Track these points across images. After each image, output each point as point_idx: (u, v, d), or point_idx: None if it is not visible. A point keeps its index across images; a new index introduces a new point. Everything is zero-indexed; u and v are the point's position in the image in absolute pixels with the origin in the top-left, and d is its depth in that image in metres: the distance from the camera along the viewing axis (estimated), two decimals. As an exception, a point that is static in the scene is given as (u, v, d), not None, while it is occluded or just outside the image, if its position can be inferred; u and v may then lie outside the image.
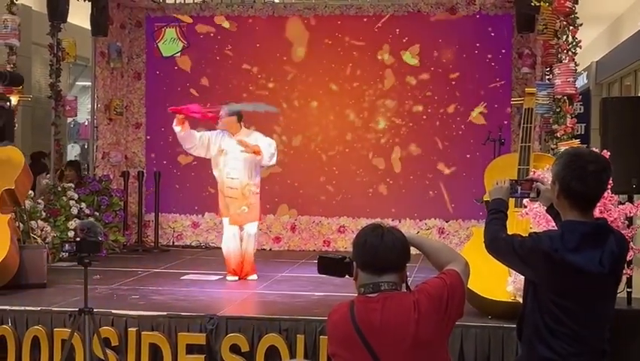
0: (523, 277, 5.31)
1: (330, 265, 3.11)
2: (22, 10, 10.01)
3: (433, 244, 3.25)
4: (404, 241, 3.00)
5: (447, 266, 3.09)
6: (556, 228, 3.36)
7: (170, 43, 11.16)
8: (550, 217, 5.38)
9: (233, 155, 7.93)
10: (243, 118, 8.12)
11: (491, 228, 3.37)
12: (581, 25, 7.25)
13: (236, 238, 8.05)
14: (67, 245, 4.72)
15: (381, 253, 2.93)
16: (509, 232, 3.36)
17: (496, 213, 3.44)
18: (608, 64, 13.86)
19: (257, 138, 8.03)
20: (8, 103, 2.52)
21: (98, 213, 9.85)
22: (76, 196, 9.58)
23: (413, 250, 3.09)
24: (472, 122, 10.59)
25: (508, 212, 3.50)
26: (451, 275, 3.03)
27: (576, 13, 7.20)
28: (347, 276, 3.07)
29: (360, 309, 2.91)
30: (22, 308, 6.32)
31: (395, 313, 2.88)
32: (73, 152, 14.54)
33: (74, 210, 9.40)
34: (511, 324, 5.69)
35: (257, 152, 7.82)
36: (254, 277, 8.08)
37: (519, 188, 3.54)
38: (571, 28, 7.21)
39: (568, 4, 7.06)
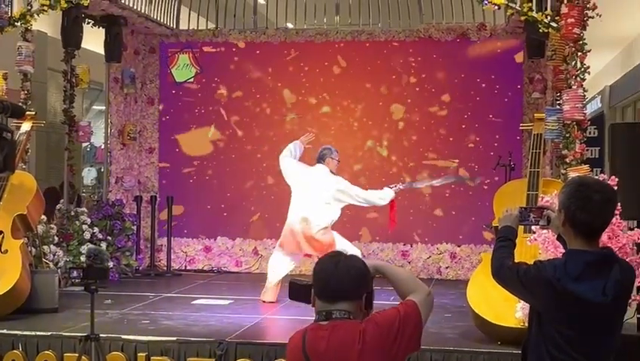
0: (531, 303, 5.34)
1: (298, 291, 3.07)
2: (38, 36, 10.15)
3: (398, 274, 3.17)
4: (361, 270, 2.95)
5: (408, 296, 3.04)
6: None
7: (183, 69, 11.26)
8: (557, 243, 5.42)
9: None
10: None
11: (498, 256, 3.37)
12: (589, 51, 7.26)
13: None
14: (74, 272, 4.76)
15: (333, 281, 2.91)
16: (517, 259, 3.35)
17: (504, 241, 3.43)
18: (622, 87, 13.85)
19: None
20: (10, 134, 2.56)
21: (110, 238, 9.89)
22: (89, 221, 9.63)
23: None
24: (484, 146, 10.58)
25: (516, 239, 3.50)
26: (407, 305, 2.98)
27: (584, 39, 7.21)
28: None
29: (311, 337, 2.91)
30: (33, 333, 6.36)
31: (339, 343, 2.86)
32: (89, 175, 14.61)
33: (87, 235, 9.43)
34: (521, 350, 5.69)
35: None
36: None
37: (530, 215, 3.52)
38: (579, 54, 7.23)
39: (575, 30, 7.08)
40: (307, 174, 8.30)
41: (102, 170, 13.45)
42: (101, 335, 5.47)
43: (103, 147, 12.31)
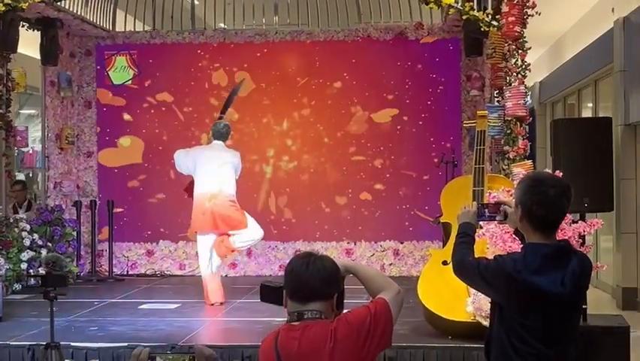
0: (482, 296, 5.44)
1: (269, 293, 3.07)
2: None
3: (368, 272, 3.20)
4: (332, 270, 2.97)
5: (379, 294, 3.07)
6: (513, 248, 3.43)
7: (120, 71, 11.11)
8: (505, 238, 5.55)
9: None
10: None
11: (459, 251, 3.43)
12: (529, 48, 7.43)
13: None
14: (32, 279, 4.68)
15: (305, 282, 2.92)
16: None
17: (463, 237, 3.49)
18: (551, 84, 14.18)
19: None
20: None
21: (50, 244, 9.70)
22: (28, 227, 9.43)
23: None
24: (423, 144, 10.72)
25: (475, 234, 3.56)
26: (377, 303, 3.01)
27: (525, 37, 7.37)
28: None
29: (283, 338, 2.92)
30: (-21, 344, 6.23)
31: (311, 342, 2.88)
32: (17, 180, 14.33)
33: (27, 242, 9.23)
34: (472, 344, 5.81)
35: None
36: None
37: (486, 211, 3.58)
38: (520, 51, 7.38)
39: (516, 28, 7.23)
40: (207, 151, 8.43)
41: (30, 175, 13.21)
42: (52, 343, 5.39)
43: (31, 151, 12.06)
